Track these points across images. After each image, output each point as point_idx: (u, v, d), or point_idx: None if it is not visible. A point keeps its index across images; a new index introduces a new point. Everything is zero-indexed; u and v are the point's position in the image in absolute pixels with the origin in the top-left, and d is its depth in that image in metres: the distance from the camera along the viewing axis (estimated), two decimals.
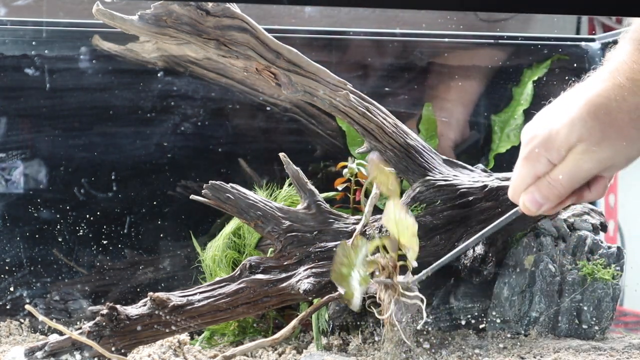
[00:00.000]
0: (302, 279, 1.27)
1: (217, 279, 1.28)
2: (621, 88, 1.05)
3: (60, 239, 1.65)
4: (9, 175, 1.68)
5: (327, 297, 1.25)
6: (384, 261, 1.16)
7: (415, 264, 1.14)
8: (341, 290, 1.15)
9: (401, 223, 1.14)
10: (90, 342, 1.17)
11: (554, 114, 1.10)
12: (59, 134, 1.69)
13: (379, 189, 1.31)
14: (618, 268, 1.39)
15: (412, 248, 1.13)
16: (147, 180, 1.71)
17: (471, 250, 1.31)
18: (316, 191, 1.34)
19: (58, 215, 1.65)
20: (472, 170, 1.39)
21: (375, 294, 1.19)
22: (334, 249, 1.30)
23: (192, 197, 1.31)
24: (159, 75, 1.67)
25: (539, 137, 1.09)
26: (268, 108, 1.70)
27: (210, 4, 1.21)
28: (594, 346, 1.32)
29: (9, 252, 1.64)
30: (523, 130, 1.13)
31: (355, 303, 1.13)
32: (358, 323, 1.37)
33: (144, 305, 1.22)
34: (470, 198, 1.33)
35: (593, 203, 1.54)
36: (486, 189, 1.33)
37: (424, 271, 1.18)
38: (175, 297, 1.23)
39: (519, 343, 1.35)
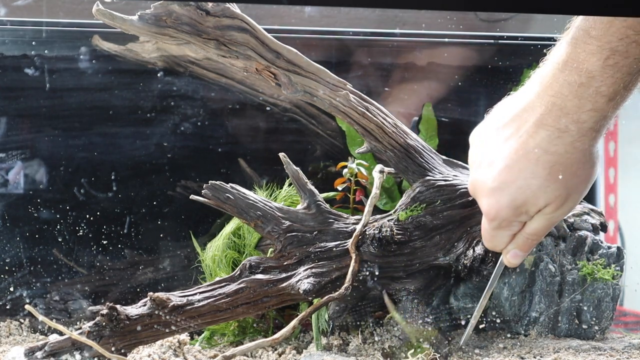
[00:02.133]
0: (302, 279, 1.27)
1: (217, 279, 1.28)
2: (567, 134, 1.04)
3: (60, 239, 1.65)
4: (9, 175, 1.68)
5: (327, 297, 1.25)
6: None
7: None
8: None
9: None
10: (90, 342, 1.17)
11: (505, 175, 1.10)
12: (59, 134, 1.69)
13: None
14: (618, 268, 1.39)
15: None
16: (147, 180, 1.71)
17: (471, 250, 1.31)
18: (316, 191, 1.34)
19: (58, 215, 1.65)
20: None
21: None
22: (334, 248, 1.30)
23: (192, 197, 1.31)
24: (159, 75, 1.67)
25: (504, 211, 1.12)
26: (268, 108, 1.70)
27: (210, 4, 1.21)
28: (594, 346, 1.32)
29: (9, 252, 1.64)
30: (471, 187, 1.16)
31: None
32: (358, 323, 1.37)
33: (144, 305, 1.22)
34: (470, 198, 1.33)
35: (593, 203, 1.54)
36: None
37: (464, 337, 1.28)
38: (175, 297, 1.23)
39: (519, 343, 1.35)
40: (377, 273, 1.30)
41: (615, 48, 0.97)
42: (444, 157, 1.39)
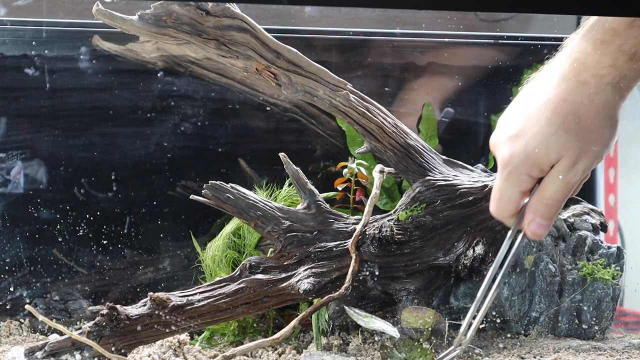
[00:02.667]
0: (302, 279, 1.27)
1: (217, 279, 1.28)
2: (586, 86, 1.04)
3: (60, 239, 1.65)
4: (8, 175, 1.68)
5: (327, 297, 1.25)
6: None
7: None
8: None
9: None
10: (90, 342, 1.17)
11: (523, 123, 1.09)
12: (59, 134, 1.69)
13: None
14: (618, 268, 1.39)
15: None
16: (147, 180, 1.71)
17: (471, 250, 1.31)
18: (316, 191, 1.34)
19: (58, 215, 1.65)
20: (472, 170, 1.39)
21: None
22: (334, 248, 1.30)
23: (192, 197, 1.31)
24: (159, 75, 1.67)
25: (516, 157, 1.09)
26: (268, 108, 1.70)
27: (210, 4, 1.21)
28: (594, 346, 1.32)
29: (9, 252, 1.64)
30: (492, 141, 1.14)
31: None
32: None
33: (144, 305, 1.22)
34: (470, 198, 1.33)
35: (593, 203, 1.54)
36: (486, 189, 1.33)
37: (469, 334, 1.21)
38: (175, 297, 1.23)
39: (519, 343, 1.35)
40: (377, 273, 1.30)
41: None
42: (444, 157, 1.39)
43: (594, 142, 1.06)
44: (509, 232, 1.15)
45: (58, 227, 1.65)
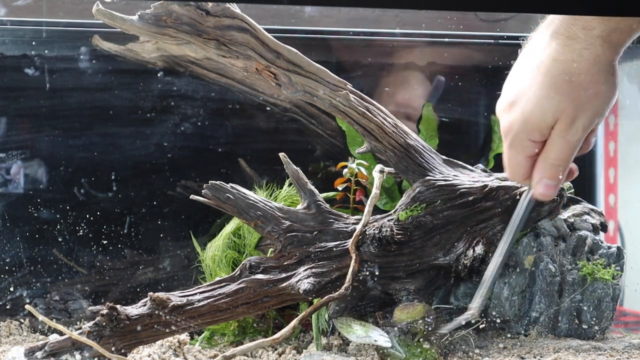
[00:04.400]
0: (302, 279, 1.27)
1: (217, 279, 1.28)
2: (575, 41, 1.02)
3: (60, 239, 1.65)
4: (9, 175, 1.68)
5: (327, 297, 1.25)
6: None
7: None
8: None
9: None
10: (90, 342, 1.17)
11: (518, 89, 1.08)
12: (59, 134, 1.69)
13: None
14: (618, 268, 1.39)
15: None
16: (147, 180, 1.71)
17: (471, 250, 1.31)
18: (316, 191, 1.34)
19: (58, 215, 1.65)
20: (472, 170, 1.39)
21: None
22: (334, 248, 1.30)
23: (192, 197, 1.31)
24: (159, 75, 1.67)
25: (515, 125, 1.09)
26: (268, 108, 1.70)
27: (210, 4, 1.21)
28: (594, 346, 1.32)
29: (9, 252, 1.64)
30: (497, 109, 1.13)
31: None
32: None
33: (144, 305, 1.22)
34: (470, 198, 1.33)
35: (593, 203, 1.54)
36: (486, 189, 1.33)
37: (472, 313, 1.23)
38: (175, 297, 1.23)
39: (519, 343, 1.35)
40: (377, 273, 1.30)
41: None
42: (444, 157, 1.39)
43: (590, 98, 1.04)
44: (524, 193, 1.16)
45: (58, 227, 1.65)
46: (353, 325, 1.27)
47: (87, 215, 1.65)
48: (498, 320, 1.37)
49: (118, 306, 1.20)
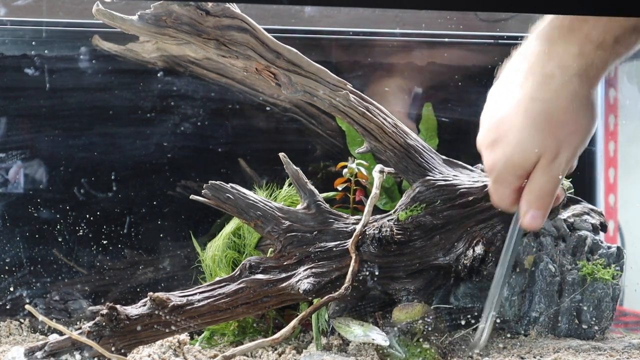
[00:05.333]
0: (302, 279, 1.27)
1: (217, 279, 1.28)
2: (552, 80, 1.03)
3: (60, 239, 1.65)
4: (8, 175, 1.68)
5: (327, 297, 1.25)
6: None
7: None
8: None
9: None
10: (90, 342, 1.17)
11: (498, 128, 1.09)
12: (59, 134, 1.69)
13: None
14: (618, 268, 1.39)
15: None
16: (147, 180, 1.71)
17: (471, 250, 1.31)
18: (316, 191, 1.34)
19: (58, 215, 1.65)
20: (472, 170, 1.39)
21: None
22: (334, 248, 1.30)
23: (192, 197, 1.31)
24: (159, 75, 1.67)
25: (498, 164, 1.10)
26: (268, 108, 1.70)
27: (210, 4, 1.21)
28: (594, 346, 1.32)
29: (9, 252, 1.64)
30: (477, 143, 1.15)
31: None
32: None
33: (144, 305, 1.22)
34: (470, 198, 1.33)
35: (593, 203, 1.54)
36: (486, 189, 1.33)
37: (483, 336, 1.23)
38: (175, 297, 1.23)
39: (519, 343, 1.35)
40: (377, 273, 1.30)
41: None
42: (444, 157, 1.39)
43: (570, 134, 1.05)
44: (513, 218, 1.17)
45: (58, 227, 1.65)
46: (351, 325, 1.27)
47: (87, 215, 1.65)
48: (498, 320, 1.37)
49: (118, 306, 1.20)
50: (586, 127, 1.06)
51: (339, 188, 1.47)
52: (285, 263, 1.29)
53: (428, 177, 1.34)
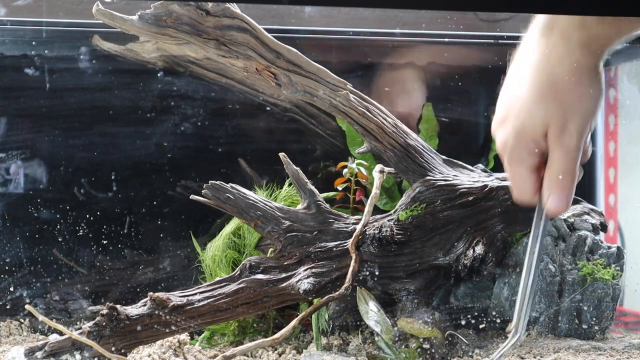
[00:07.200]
0: (302, 279, 1.27)
1: (217, 279, 1.28)
2: (556, 49, 1.03)
3: (60, 239, 1.65)
4: (9, 175, 1.68)
5: (327, 297, 1.25)
6: None
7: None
8: None
9: None
10: (90, 342, 1.17)
11: (507, 105, 1.09)
12: (59, 134, 1.69)
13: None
14: (618, 268, 1.39)
15: None
16: (147, 180, 1.71)
17: (471, 250, 1.31)
18: (316, 191, 1.34)
19: (58, 215, 1.65)
20: (472, 170, 1.39)
21: None
22: (334, 248, 1.30)
23: (192, 197, 1.31)
24: (159, 75, 1.67)
25: (509, 140, 1.09)
26: (268, 108, 1.70)
27: (210, 4, 1.21)
28: (594, 346, 1.32)
29: (9, 252, 1.64)
30: (492, 129, 1.14)
31: None
32: (358, 323, 1.37)
33: (144, 305, 1.22)
34: (470, 198, 1.33)
35: (593, 203, 1.54)
36: (486, 189, 1.33)
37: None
38: (175, 297, 1.23)
39: (519, 343, 1.34)
40: (377, 273, 1.30)
41: None
42: (444, 157, 1.39)
43: (576, 101, 1.05)
44: (536, 212, 1.13)
45: (58, 227, 1.65)
46: (370, 303, 1.27)
47: (87, 215, 1.65)
48: (498, 320, 1.37)
49: (118, 306, 1.20)
50: (592, 95, 1.06)
51: (339, 188, 1.47)
52: (285, 263, 1.29)
53: (428, 177, 1.34)
